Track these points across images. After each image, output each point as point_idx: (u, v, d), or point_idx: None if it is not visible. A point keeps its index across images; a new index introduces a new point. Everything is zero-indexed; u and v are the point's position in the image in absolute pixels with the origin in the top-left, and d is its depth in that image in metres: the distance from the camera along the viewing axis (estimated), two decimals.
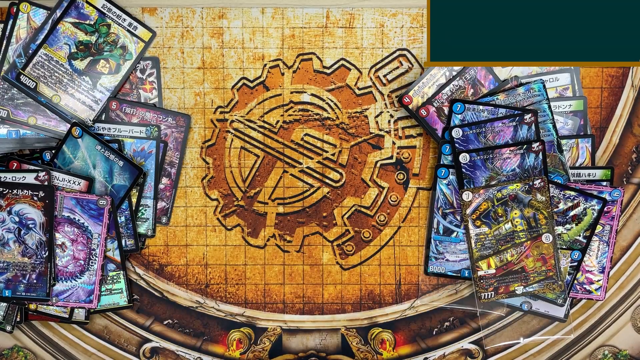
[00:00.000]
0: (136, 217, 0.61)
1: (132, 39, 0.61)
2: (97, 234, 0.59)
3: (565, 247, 0.61)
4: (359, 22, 0.62)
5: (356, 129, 0.63)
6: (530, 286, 0.60)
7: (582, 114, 0.62)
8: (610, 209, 0.61)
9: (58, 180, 0.59)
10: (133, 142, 0.61)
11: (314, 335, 0.64)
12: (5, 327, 0.62)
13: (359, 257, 0.64)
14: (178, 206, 0.63)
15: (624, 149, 0.63)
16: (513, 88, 0.61)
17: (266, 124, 0.63)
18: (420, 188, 0.63)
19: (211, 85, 0.62)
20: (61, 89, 0.60)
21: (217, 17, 0.62)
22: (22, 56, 0.60)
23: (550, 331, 0.64)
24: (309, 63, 0.62)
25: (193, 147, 0.63)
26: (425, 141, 0.63)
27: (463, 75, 0.61)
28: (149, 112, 0.61)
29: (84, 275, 0.60)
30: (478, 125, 0.60)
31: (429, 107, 0.61)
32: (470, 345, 0.64)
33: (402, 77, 0.63)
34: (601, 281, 0.62)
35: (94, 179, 0.60)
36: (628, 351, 0.65)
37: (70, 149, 0.60)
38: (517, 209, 0.60)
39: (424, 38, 0.62)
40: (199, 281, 0.64)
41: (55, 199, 0.58)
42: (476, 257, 0.61)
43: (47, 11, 0.60)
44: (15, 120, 0.61)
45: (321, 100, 0.63)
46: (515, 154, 0.60)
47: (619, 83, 0.63)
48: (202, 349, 0.64)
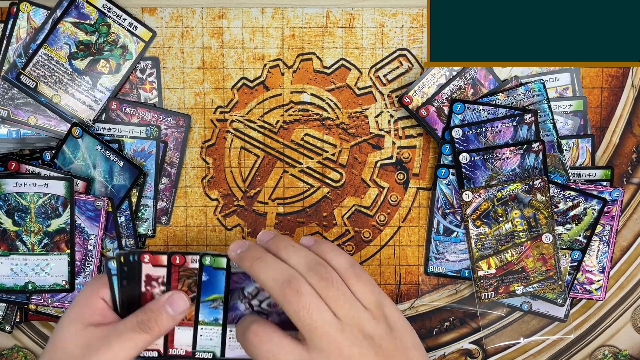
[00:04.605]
0: (136, 217, 0.61)
1: (132, 38, 0.61)
2: (94, 235, 0.59)
3: (565, 247, 0.61)
4: (359, 22, 0.62)
5: (356, 129, 0.63)
6: (530, 286, 0.60)
7: (582, 114, 0.62)
8: (611, 209, 0.61)
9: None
10: (133, 142, 0.61)
11: None
12: (5, 327, 0.62)
13: (359, 257, 0.64)
14: (178, 206, 0.63)
15: (624, 149, 0.64)
16: (513, 88, 0.61)
17: (266, 124, 0.63)
18: (420, 188, 0.63)
19: (211, 85, 0.62)
20: (61, 88, 0.60)
21: (217, 17, 0.62)
22: (22, 56, 0.60)
23: (550, 331, 0.64)
24: (309, 63, 0.62)
25: (193, 147, 0.63)
26: (425, 141, 0.63)
27: (463, 75, 0.61)
28: (149, 112, 0.61)
29: (79, 277, 0.60)
30: (478, 125, 0.60)
31: (429, 107, 0.61)
32: (470, 345, 0.64)
33: (402, 77, 0.63)
34: (601, 281, 0.62)
35: (92, 180, 0.60)
36: (628, 351, 0.65)
37: (70, 149, 0.60)
38: (517, 209, 0.60)
39: (424, 38, 0.62)
40: None
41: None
42: (476, 257, 0.61)
43: (47, 11, 0.60)
44: (16, 120, 0.61)
45: (321, 100, 0.63)
46: (515, 154, 0.60)
47: (619, 83, 0.63)
48: None
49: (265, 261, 0.46)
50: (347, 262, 0.47)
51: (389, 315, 0.46)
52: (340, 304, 0.44)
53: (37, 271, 0.59)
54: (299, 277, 0.44)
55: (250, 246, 0.48)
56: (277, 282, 0.44)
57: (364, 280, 0.46)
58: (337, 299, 0.44)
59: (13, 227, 0.58)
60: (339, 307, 0.44)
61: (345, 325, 0.43)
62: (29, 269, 0.59)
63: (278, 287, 0.44)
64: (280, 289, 0.44)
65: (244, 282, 0.52)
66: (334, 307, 0.44)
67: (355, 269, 0.47)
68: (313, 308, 0.43)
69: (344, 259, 0.47)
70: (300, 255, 0.46)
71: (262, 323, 0.46)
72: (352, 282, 0.46)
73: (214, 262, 0.51)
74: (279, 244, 0.48)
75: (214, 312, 0.52)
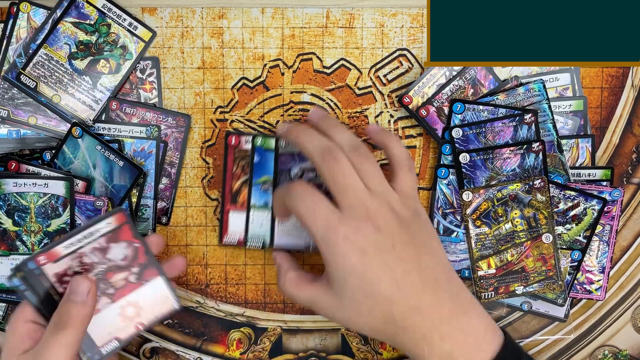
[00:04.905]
0: (136, 217, 0.61)
1: (132, 38, 0.61)
2: None
3: (565, 247, 0.61)
4: (359, 22, 0.62)
5: (356, 129, 0.63)
6: (530, 286, 0.60)
7: (582, 114, 0.62)
8: (611, 209, 0.61)
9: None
10: (133, 142, 0.61)
11: (314, 335, 0.64)
12: (5, 327, 0.62)
13: None
14: (178, 206, 0.63)
15: (624, 149, 0.64)
16: (513, 88, 0.61)
17: (266, 124, 0.63)
18: (420, 188, 0.63)
19: (211, 85, 0.62)
20: (61, 88, 0.60)
21: (217, 17, 0.62)
22: (22, 56, 0.60)
23: (550, 331, 0.64)
24: (309, 63, 0.62)
25: (193, 147, 0.63)
26: (425, 141, 0.63)
27: (463, 75, 0.61)
28: (149, 112, 0.61)
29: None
30: (478, 125, 0.60)
31: (429, 107, 0.61)
32: None
33: (402, 77, 0.63)
34: (601, 281, 0.62)
35: (92, 180, 0.60)
36: (628, 351, 0.65)
37: (70, 149, 0.60)
38: (517, 209, 0.60)
39: (424, 38, 0.62)
40: (198, 281, 0.64)
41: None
42: (476, 257, 0.61)
43: (47, 11, 0.60)
44: (16, 120, 0.61)
45: (321, 100, 0.63)
46: (515, 154, 0.60)
47: (619, 83, 0.63)
48: (202, 349, 0.64)
49: (310, 133, 0.50)
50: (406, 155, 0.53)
51: (418, 207, 0.51)
52: (372, 177, 0.49)
53: None
54: (339, 149, 0.49)
55: (296, 124, 0.54)
56: (318, 149, 0.49)
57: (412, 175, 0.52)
58: (371, 172, 0.49)
59: (13, 227, 0.58)
60: (370, 180, 0.48)
61: (375, 194, 0.48)
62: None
63: (318, 152, 0.48)
64: (320, 154, 0.48)
65: (290, 163, 0.56)
66: (366, 179, 0.48)
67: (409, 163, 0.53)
68: (347, 173, 0.47)
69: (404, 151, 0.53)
70: (345, 135, 0.51)
71: (304, 182, 0.50)
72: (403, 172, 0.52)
73: (264, 143, 0.56)
74: (327, 123, 0.53)
75: (264, 195, 0.56)
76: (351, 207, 0.47)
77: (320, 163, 0.48)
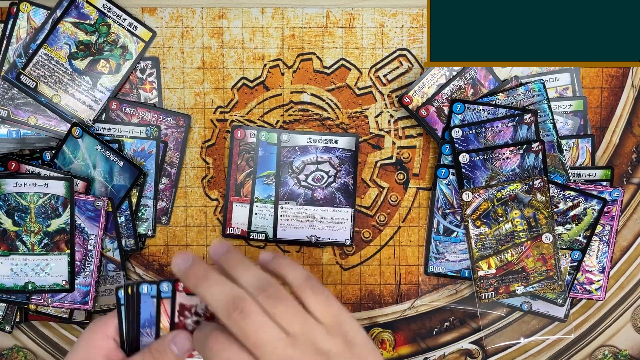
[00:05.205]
0: (136, 217, 0.61)
1: (132, 38, 0.61)
2: (94, 235, 0.59)
3: (565, 247, 0.61)
4: (359, 22, 0.62)
5: (356, 129, 0.63)
6: (530, 286, 0.60)
7: (582, 114, 0.62)
8: (610, 209, 0.61)
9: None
10: (133, 142, 0.61)
11: None
12: (5, 327, 0.62)
13: (359, 257, 0.64)
14: (178, 206, 0.63)
15: (624, 149, 0.64)
16: (513, 88, 0.61)
17: (266, 124, 0.62)
18: (420, 188, 0.63)
19: (211, 85, 0.62)
20: (61, 88, 0.60)
21: (217, 17, 0.62)
22: (22, 56, 0.60)
23: (550, 331, 0.64)
24: (309, 63, 0.62)
25: (193, 147, 0.63)
26: (425, 141, 0.63)
27: (463, 75, 0.61)
28: (149, 112, 0.61)
29: (79, 277, 0.60)
30: (478, 125, 0.60)
31: (429, 107, 0.61)
32: (470, 345, 0.64)
33: (402, 77, 0.63)
34: (601, 281, 0.62)
35: (92, 180, 0.60)
36: (628, 351, 0.65)
37: (70, 149, 0.60)
38: (517, 209, 0.60)
39: (424, 38, 0.62)
40: None
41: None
42: (476, 257, 0.61)
43: (47, 11, 0.60)
44: (16, 120, 0.61)
45: (321, 100, 0.63)
46: (515, 154, 0.60)
47: (619, 83, 0.63)
48: None
49: (210, 281, 0.43)
50: (303, 275, 0.45)
51: (348, 330, 0.43)
52: (289, 319, 0.42)
53: (37, 271, 0.59)
54: (244, 297, 0.42)
55: (194, 262, 0.45)
56: (222, 303, 0.42)
57: (320, 294, 0.44)
58: (285, 314, 0.42)
59: (13, 227, 0.58)
60: (288, 322, 0.41)
61: (296, 340, 0.41)
62: (29, 269, 0.59)
63: (223, 307, 0.42)
64: (225, 310, 0.41)
65: (292, 157, 0.58)
66: (283, 324, 0.41)
67: (311, 282, 0.44)
68: (260, 326, 0.41)
69: (300, 273, 0.45)
70: (250, 274, 0.44)
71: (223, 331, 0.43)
72: (307, 295, 0.44)
73: (268, 138, 0.57)
74: (230, 261, 0.45)
75: (267, 188, 0.58)
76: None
77: (227, 321, 0.41)
